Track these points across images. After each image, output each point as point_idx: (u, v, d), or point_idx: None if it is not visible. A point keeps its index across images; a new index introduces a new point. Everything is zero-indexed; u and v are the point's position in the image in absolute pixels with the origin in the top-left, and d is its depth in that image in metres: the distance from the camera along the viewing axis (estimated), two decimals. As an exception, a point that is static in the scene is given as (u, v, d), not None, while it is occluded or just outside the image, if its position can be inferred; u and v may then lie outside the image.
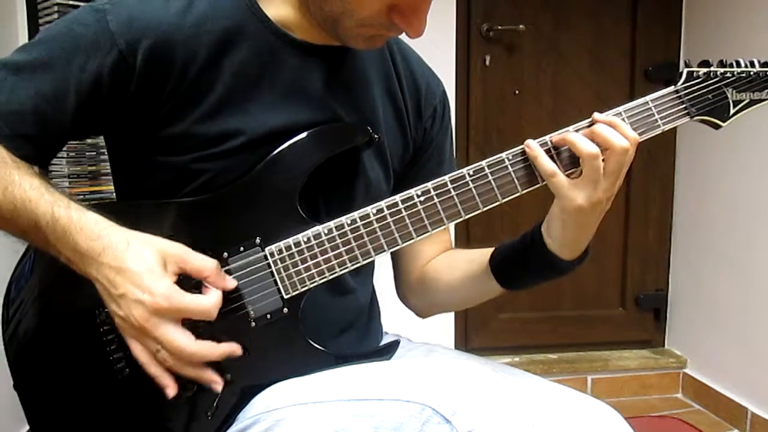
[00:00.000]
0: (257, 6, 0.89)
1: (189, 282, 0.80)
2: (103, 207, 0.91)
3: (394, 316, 1.14)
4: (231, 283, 0.83)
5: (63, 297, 0.87)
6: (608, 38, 2.52)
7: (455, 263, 1.03)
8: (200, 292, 0.80)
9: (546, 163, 0.84)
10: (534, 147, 0.85)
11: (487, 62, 2.43)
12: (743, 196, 2.25)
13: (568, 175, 0.85)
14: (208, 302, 0.78)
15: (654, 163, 2.57)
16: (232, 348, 0.81)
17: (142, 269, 0.76)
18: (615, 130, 0.84)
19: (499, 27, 2.41)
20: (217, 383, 0.81)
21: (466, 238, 2.40)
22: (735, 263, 2.30)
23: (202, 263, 0.80)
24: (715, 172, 2.39)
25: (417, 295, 1.08)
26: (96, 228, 0.78)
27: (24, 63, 0.84)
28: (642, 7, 2.51)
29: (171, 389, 0.79)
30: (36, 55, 0.84)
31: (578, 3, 2.48)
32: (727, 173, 2.33)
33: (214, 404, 0.84)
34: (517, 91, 2.48)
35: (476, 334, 2.55)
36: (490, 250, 0.97)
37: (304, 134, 0.88)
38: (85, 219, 0.78)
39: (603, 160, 0.83)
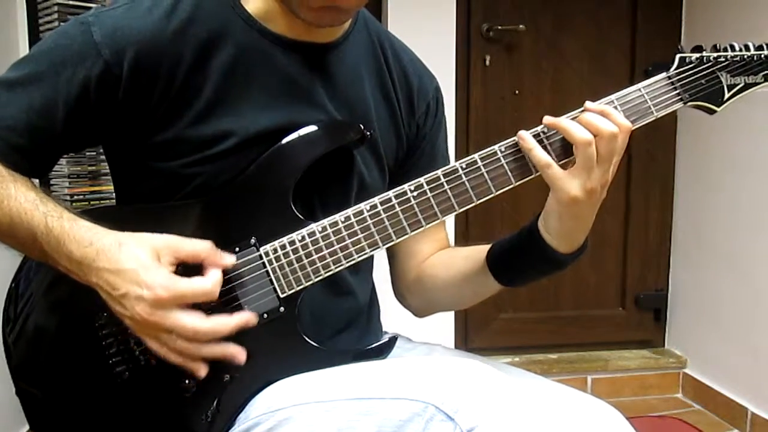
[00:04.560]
0: (240, 5, 0.89)
1: (189, 270, 0.80)
2: (100, 212, 0.92)
3: (394, 316, 1.14)
4: (228, 259, 0.83)
5: (65, 295, 0.87)
6: (608, 38, 2.52)
7: (452, 261, 1.02)
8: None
9: (540, 155, 0.84)
10: (528, 139, 0.85)
11: (487, 62, 2.43)
12: (743, 196, 2.25)
13: (561, 166, 0.84)
14: (207, 282, 0.79)
15: (654, 163, 2.57)
16: (246, 317, 0.81)
17: (137, 266, 0.76)
18: (604, 117, 0.83)
19: (499, 27, 2.41)
20: (239, 354, 0.81)
21: (464, 237, 2.40)
22: (735, 263, 2.30)
23: (195, 246, 0.81)
24: (715, 172, 2.39)
25: (414, 294, 1.08)
26: (87, 235, 0.79)
27: (16, 79, 0.86)
28: (642, 7, 2.51)
29: (201, 371, 0.80)
30: (27, 71, 0.86)
31: (578, 3, 2.48)
32: (727, 173, 2.33)
33: (214, 405, 0.84)
34: (517, 91, 2.48)
35: (476, 334, 2.55)
36: (487, 246, 0.97)
37: (296, 134, 0.88)
38: (77, 227, 0.79)
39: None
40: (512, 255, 0.94)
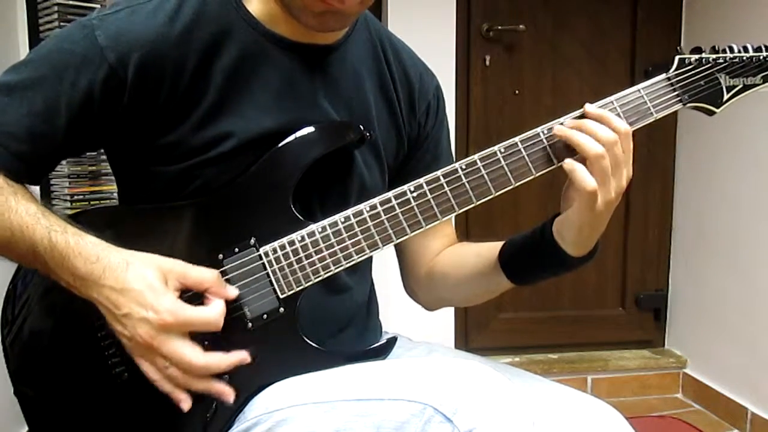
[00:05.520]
0: (243, 7, 0.89)
1: (191, 295, 0.80)
2: (100, 212, 0.92)
3: (394, 315, 1.14)
4: (232, 292, 0.83)
5: (63, 297, 0.86)
6: (608, 38, 2.52)
7: (463, 258, 1.02)
8: (203, 304, 0.80)
9: (586, 179, 0.82)
10: (570, 161, 0.83)
11: (487, 62, 2.43)
12: (743, 196, 2.25)
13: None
14: (212, 313, 0.79)
15: (654, 163, 2.57)
16: (242, 357, 0.81)
17: (143, 287, 0.76)
18: (602, 124, 0.83)
19: (499, 27, 2.41)
20: (228, 395, 0.81)
21: (465, 237, 2.39)
22: (735, 263, 2.30)
23: (202, 275, 0.80)
24: (715, 172, 2.39)
25: (425, 291, 1.08)
26: (94, 251, 0.78)
27: (15, 83, 0.84)
28: (642, 7, 2.51)
29: (185, 403, 0.80)
30: (27, 75, 0.85)
31: (578, 3, 2.48)
32: (727, 173, 2.33)
33: (213, 406, 0.84)
34: (517, 91, 2.48)
35: (476, 334, 2.55)
36: (498, 244, 0.96)
37: (295, 135, 0.88)
38: (83, 243, 0.79)
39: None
40: (526, 257, 0.94)
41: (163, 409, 0.85)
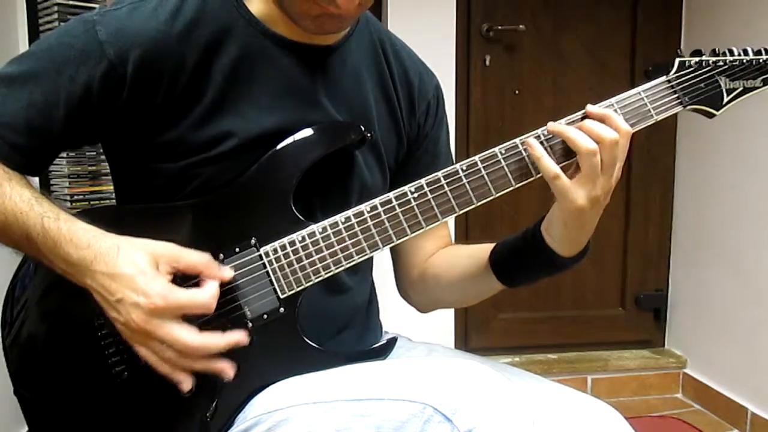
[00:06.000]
0: (244, 6, 0.89)
1: (185, 280, 0.80)
2: (100, 212, 0.92)
3: (394, 315, 1.14)
4: (227, 273, 0.83)
5: (61, 299, 0.87)
6: (608, 38, 2.52)
7: (455, 260, 1.02)
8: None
9: (549, 165, 0.84)
10: (536, 147, 0.85)
11: (487, 62, 2.43)
12: (743, 196, 2.25)
13: (563, 168, 0.84)
14: (204, 295, 0.79)
15: (654, 163, 2.57)
16: (238, 336, 0.81)
17: (134, 272, 0.76)
18: (604, 123, 0.83)
19: (499, 27, 2.41)
20: (228, 370, 0.81)
21: (465, 238, 2.40)
22: (735, 263, 2.30)
23: (194, 258, 0.80)
24: (715, 172, 2.39)
25: (418, 291, 1.08)
26: (85, 237, 0.78)
27: (15, 75, 0.85)
28: (642, 7, 2.51)
29: (185, 384, 0.80)
30: (27, 67, 0.85)
31: (578, 3, 2.48)
32: (727, 173, 2.33)
33: (213, 406, 0.84)
34: (517, 91, 2.48)
35: (476, 334, 2.55)
36: (490, 246, 0.97)
37: (297, 135, 0.88)
38: (74, 229, 0.79)
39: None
40: (515, 258, 0.94)
41: (163, 408, 0.85)
